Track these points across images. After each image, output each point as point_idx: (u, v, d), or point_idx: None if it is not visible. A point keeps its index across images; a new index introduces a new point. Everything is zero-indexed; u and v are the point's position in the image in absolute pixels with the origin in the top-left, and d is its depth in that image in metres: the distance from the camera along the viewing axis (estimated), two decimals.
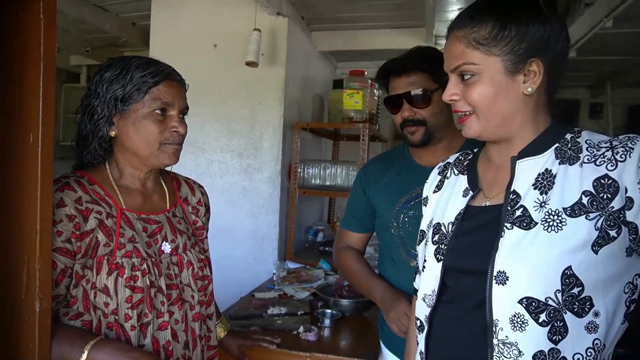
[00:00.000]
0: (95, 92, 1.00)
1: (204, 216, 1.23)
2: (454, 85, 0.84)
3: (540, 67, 0.80)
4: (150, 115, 1.00)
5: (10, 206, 0.80)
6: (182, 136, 1.06)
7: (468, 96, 0.82)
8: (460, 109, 0.85)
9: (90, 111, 1.00)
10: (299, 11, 2.79)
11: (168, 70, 1.03)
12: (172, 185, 1.18)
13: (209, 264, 1.18)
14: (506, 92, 0.81)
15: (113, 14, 3.00)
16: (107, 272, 0.94)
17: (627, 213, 0.72)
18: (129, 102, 0.99)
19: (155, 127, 1.01)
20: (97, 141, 1.01)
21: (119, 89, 0.98)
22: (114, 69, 1.00)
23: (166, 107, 1.02)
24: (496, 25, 0.79)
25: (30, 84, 0.78)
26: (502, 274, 0.77)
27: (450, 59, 0.84)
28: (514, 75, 0.80)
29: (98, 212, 0.97)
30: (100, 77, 1.00)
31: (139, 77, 0.99)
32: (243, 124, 2.66)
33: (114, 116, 1.00)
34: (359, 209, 1.54)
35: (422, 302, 0.92)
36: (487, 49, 0.80)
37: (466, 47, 0.81)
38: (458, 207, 0.90)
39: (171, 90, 1.02)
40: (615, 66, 3.76)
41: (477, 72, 0.81)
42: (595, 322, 0.74)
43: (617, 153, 0.75)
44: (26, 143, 0.78)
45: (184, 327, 1.04)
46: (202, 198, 1.23)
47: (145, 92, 0.99)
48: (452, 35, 0.84)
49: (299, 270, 2.47)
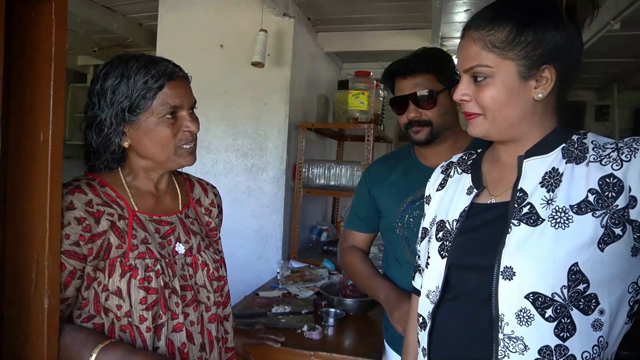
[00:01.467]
0: (100, 105, 0.97)
1: (217, 217, 1.21)
2: (465, 86, 0.85)
3: (553, 74, 0.81)
4: (161, 121, 0.98)
5: (20, 204, 0.81)
6: (195, 133, 1.04)
7: (479, 98, 0.83)
8: (469, 111, 0.85)
9: (98, 125, 0.97)
10: (305, 12, 2.80)
11: (170, 70, 0.99)
12: (185, 186, 1.17)
13: (224, 265, 1.16)
14: (517, 96, 0.81)
15: (120, 14, 3.02)
16: (120, 274, 0.93)
17: (630, 212, 0.73)
18: (136, 112, 0.96)
19: (169, 130, 0.99)
20: (109, 154, 0.99)
21: (124, 100, 0.95)
22: (113, 76, 0.96)
23: (175, 110, 1.00)
24: (513, 30, 0.79)
25: (41, 84, 0.79)
26: (509, 269, 0.78)
27: (464, 60, 0.85)
28: (526, 80, 0.81)
29: (110, 214, 0.96)
30: (101, 88, 0.96)
31: (142, 84, 0.95)
32: (248, 124, 2.67)
33: (124, 127, 0.98)
34: (364, 210, 1.54)
35: (426, 299, 0.93)
36: (502, 53, 0.80)
37: (482, 49, 0.81)
38: (462, 204, 0.91)
39: (177, 91, 0.99)
40: (622, 68, 3.74)
41: (491, 75, 0.81)
42: (600, 319, 0.75)
43: (622, 153, 0.76)
44: (36, 142, 0.79)
45: (200, 328, 1.03)
46: (214, 199, 1.21)
47: (152, 99, 0.96)
48: (467, 36, 0.84)
49: (303, 270, 2.47)
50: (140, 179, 1.05)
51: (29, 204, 0.81)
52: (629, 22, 2.40)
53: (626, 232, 0.74)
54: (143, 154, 1.01)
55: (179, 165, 1.04)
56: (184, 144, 1.02)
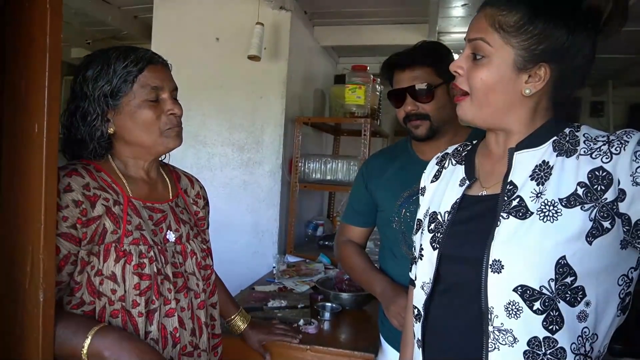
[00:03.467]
0: (82, 93, 0.98)
1: (203, 209, 1.24)
2: (464, 59, 0.86)
3: (547, 74, 0.81)
4: (143, 103, 1.00)
5: (15, 196, 0.80)
6: (179, 117, 1.06)
7: (471, 76, 0.84)
8: (459, 85, 0.87)
9: (81, 113, 0.99)
10: (302, 5, 2.78)
11: (148, 55, 1.02)
12: (172, 176, 1.19)
13: (211, 254, 1.19)
14: (506, 85, 0.82)
15: (115, 6, 2.98)
16: (115, 259, 0.94)
17: (619, 205, 0.73)
18: (118, 96, 0.98)
19: (151, 112, 1.00)
20: (96, 142, 1.00)
21: (105, 85, 0.97)
22: (94, 65, 0.98)
23: (157, 92, 1.01)
24: (525, 17, 0.80)
25: (36, 74, 0.78)
26: (498, 263, 0.78)
27: (471, 30, 0.86)
28: (519, 72, 0.81)
29: (105, 199, 0.97)
30: (84, 77, 0.99)
31: (122, 69, 0.97)
32: (245, 118, 2.66)
33: (107, 113, 0.99)
34: (361, 203, 1.54)
35: (420, 290, 0.94)
36: (506, 36, 0.81)
37: (489, 26, 0.82)
38: (454, 196, 0.92)
39: (157, 74, 1.01)
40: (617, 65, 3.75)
41: (488, 55, 0.82)
42: (586, 311, 0.75)
43: (612, 146, 0.76)
44: (31, 133, 0.78)
45: (190, 314, 1.05)
46: (200, 191, 1.24)
47: (132, 82, 0.98)
48: (482, 10, 0.85)
49: (299, 264, 2.47)
50: (131, 167, 1.06)
51: (23, 196, 0.80)
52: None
53: (615, 225, 0.74)
54: (128, 139, 1.02)
55: (166, 148, 1.05)
56: (169, 127, 1.03)
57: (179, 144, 1.06)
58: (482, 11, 0.85)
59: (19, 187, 0.80)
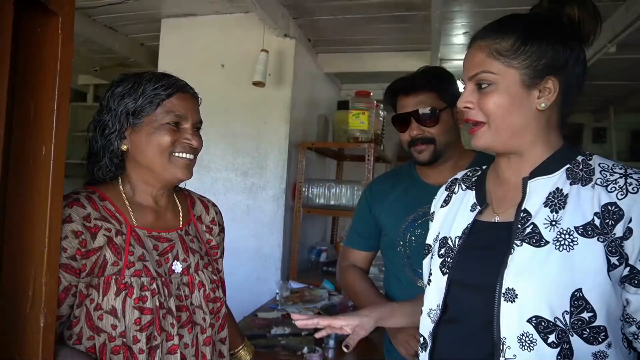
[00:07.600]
0: (107, 108, 0.99)
1: (218, 235, 1.19)
2: (469, 93, 0.85)
3: (556, 85, 0.81)
4: (163, 126, 0.98)
5: (20, 218, 0.80)
6: (196, 150, 1.04)
7: (483, 105, 0.83)
8: (473, 118, 0.86)
9: (101, 126, 0.99)
10: (305, 33, 2.84)
11: (181, 83, 1.02)
12: (186, 202, 1.16)
13: (223, 286, 1.13)
14: (520, 104, 0.82)
15: (122, 34, 3.05)
16: (115, 292, 0.91)
17: (624, 243, 0.73)
18: (141, 115, 0.98)
19: (168, 136, 0.99)
20: (108, 156, 0.99)
21: (130, 102, 0.97)
22: (125, 83, 1.00)
23: (179, 120, 1.00)
24: (519, 40, 0.81)
25: (45, 98, 0.78)
26: (511, 291, 0.76)
27: (469, 67, 0.86)
28: (529, 89, 0.82)
29: (107, 229, 0.94)
30: (112, 93, 1.00)
31: (151, 90, 0.98)
32: (248, 143, 2.68)
33: (125, 130, 0.99)
34: (365, 227, 1.53)
35: (427, 318, 0.91)
36: (507, 61, 0.81)
37: (487, 57, 0.83)
38: (465, 221, 0.90)
39: (184, 103, 1.01)
40: (618, 91, 3.79)
41: (495, 82, 0.82)
42: (606, 352, 0.73)
43: (630, 184, 0.75)
44: (38, 156, 0.78)
45: (194, 351, 1.00)
46: (215, 217, 1.20)
47: (158, 105, 0.98)
48: (474, 45, 0.86)
49: (302, 290, 2.44)
50: (139, 193, 1.04)
51: (28, 218, 0.80)
52: (625, 45, 2.44)
53: (623, 264, 0.73)
54: (139, 159, 1.01)
55: (174, 177, 1.02)
56: (180, 151, 1.01)
57: (188, 177, 1.03)
58: (473, 46, 0.86)
59: (24, 208, 0.80)
